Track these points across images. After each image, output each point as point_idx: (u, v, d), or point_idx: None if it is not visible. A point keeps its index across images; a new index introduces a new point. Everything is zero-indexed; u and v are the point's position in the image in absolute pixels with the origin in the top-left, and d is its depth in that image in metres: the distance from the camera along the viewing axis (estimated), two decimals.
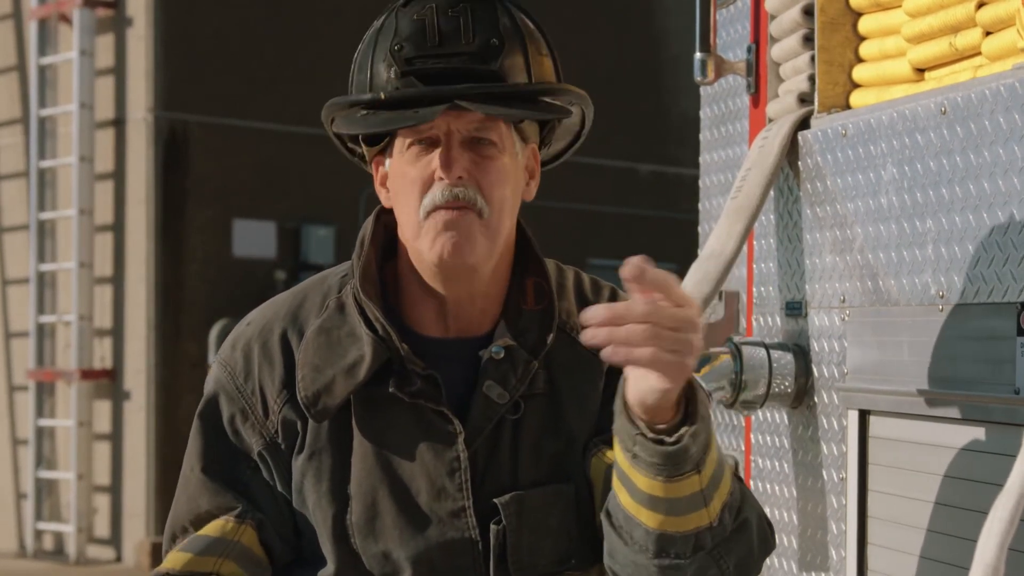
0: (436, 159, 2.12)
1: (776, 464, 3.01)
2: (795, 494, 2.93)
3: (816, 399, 2.85)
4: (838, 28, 2.86)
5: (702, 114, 3.43)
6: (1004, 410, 2.28)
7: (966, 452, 2.39)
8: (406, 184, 2.14)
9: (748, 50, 3.14)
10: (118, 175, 10.98)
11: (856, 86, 2.86)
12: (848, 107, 2.85)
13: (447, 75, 2.12)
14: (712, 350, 2.96)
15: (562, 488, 2.17)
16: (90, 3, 10.90)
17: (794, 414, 2.93)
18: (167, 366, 10.78)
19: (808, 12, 2.89)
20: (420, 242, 2.14)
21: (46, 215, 11.22)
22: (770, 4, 3.03)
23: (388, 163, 2.20)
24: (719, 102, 3.35)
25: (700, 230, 3.42)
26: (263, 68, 11.22)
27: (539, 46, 2.21)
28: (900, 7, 2.72)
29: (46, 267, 11.22)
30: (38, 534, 11.27)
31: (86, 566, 10.79)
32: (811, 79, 2.89)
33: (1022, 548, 2.15)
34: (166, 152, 10.84)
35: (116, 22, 11.00)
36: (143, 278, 10.79)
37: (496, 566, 2.14)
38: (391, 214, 2.23)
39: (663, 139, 13.61)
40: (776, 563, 3.00)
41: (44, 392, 11.30)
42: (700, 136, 3.43)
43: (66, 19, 11.10)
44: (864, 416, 2.68)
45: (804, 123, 2.91)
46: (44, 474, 11.19)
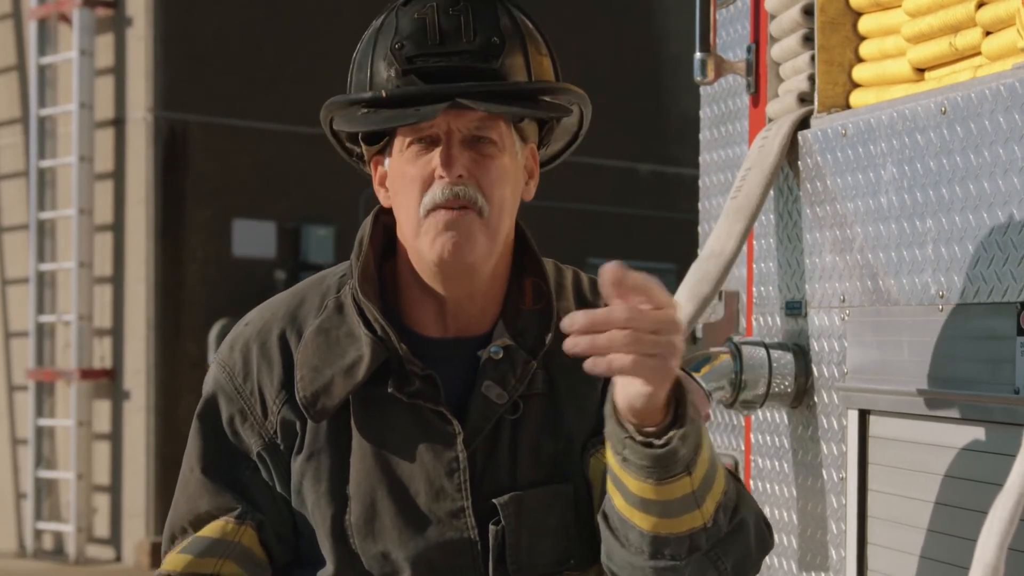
0: (436, 158, 2.11)
1: (776, 464, 3.01)
2: (795, 494, 2.93)
3: (816, 399, 2.84)
4: (838, 28, 2.85)
5: (702, 114, 3.43)
6: (1004, 410, 2.28)
7: (966, 452, 2.39)
8: (406, 183, 2.14)
9: (748, 50, 3.14)
10: (118, 175, 10.97)
11: (856, 86, 2.86)
12: (848, 107, 2.85)
13: (448, 73, 2.12)
14: (712, 350, 2.96)
15: (561, 488, 2.17)
16: (90, 3, 10.90)
17: (794, 414, 2.93)
18: (167, 366, 10.78)
19: (808, 12, 2.89)
20: (420, 241, 2.13)
21: (46, 215, 11.21)
22: (770, 4, 3.03)
23: (387, 162, 2.20)
24: (719, 102, 3.35)
25: (700, 230, 3.42)
26: (263, 68, 11.21)
27: (538, 46, 2.21)
28: (900, 7, 2.72)
29: (46, 267, 11.22)
30: (38, 534, 11.27)
31: (86, 566, 10.78)
32: (811, 79, 2.89)
33: (1022, 548, 2.15)
34: (166, 152, 10.84)
35: (116, 22, 11.00)
36: (143, 278, 10.79)
37: (495, 566, 2.14)
38: (390, 214, 2.23)
39: (663, 139, 13.61)
40: (776, 563, 3.00)
41: (44, 392, 11.30)
42: (700, 136, 3.43)
43: (66, 19, 11.09)
44: (864, 416, 2.68)
45: (804, 123, 2.91)
46: (44, 474, 11.19)
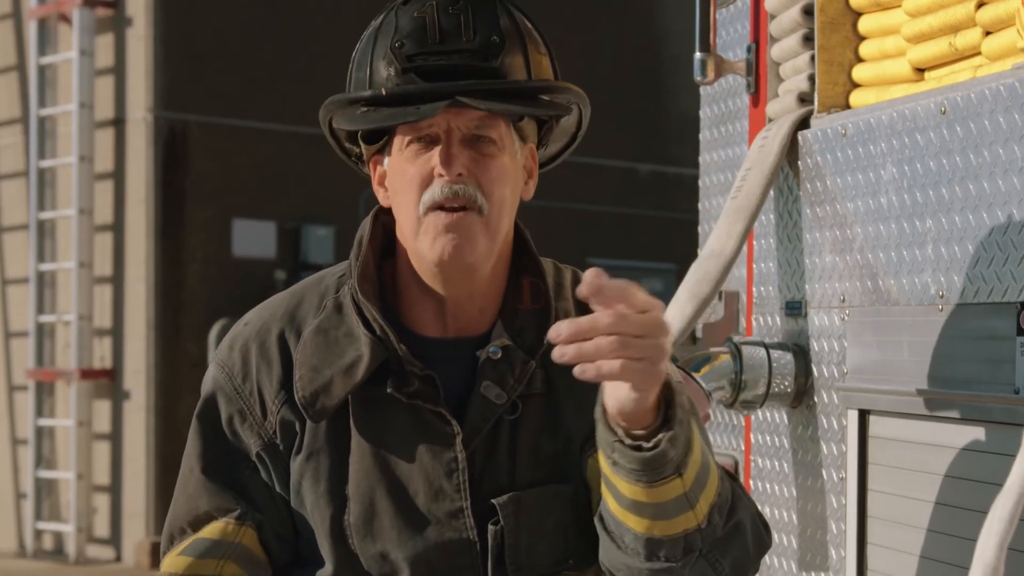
0: (436, 156, 2.11)
1: (776, 464, 3.01)
2: (795, 494, 2.93)
3: (816, 399, 2.84)
4: (838, 28, 2.85)
5: (702, 114, 3.43)
6: (1004, 410, 2.28)
7: (966, 452, 2.39)
8: (405, 181, 2.14)
9: (748, 50, 3.14)
10: (118, 175, 10.97)
11: (856, 86, 2.86)
12: (848, 107, 2.85)
13: (448, 72, 2.11)
14: (712, 350, 2.96)
15: (560, 488, 2.17)
16: (90, 3, 10.90)
17: (794, 414, 2.93)
18: (167, 366, 10.78)
19: (808, 12, 2.89)
20: (419, 241, 2.13)
21: (46, 215, 11.21)
22: (770, 4, 3.03)
23: (387, 162, 2.20)
24: (719, 102, 3.35)
25: (700, 230, 3.42)
26: (263, 68, 11.21)
27: (538, 45, 2.21)
28: (900, 7, 2.72)
29: (46, 267, 11.21)
30: (38, 534, 11.27)
31: (86, 566, 10.78)
32: (811, 79, 2.88)
33: (1022, 548, 2.15)
34: (166, 152, 10.84)
35: (116, 22, 11.00)
36: (143, 278, 10.79)
37: (494, 567, 2.14)
38: (389, 214, 2.23)
39: (663, 139, 13.61)
40: (776, 563, 2.99)
41: (44, 392, 11.30)
42: (700, 136, 3.43)
43: (66, 19, 11.09)
44: (864, 416, 2.68)
45: (804, 123, 2.91)
46: (44, 474, 11.19)
